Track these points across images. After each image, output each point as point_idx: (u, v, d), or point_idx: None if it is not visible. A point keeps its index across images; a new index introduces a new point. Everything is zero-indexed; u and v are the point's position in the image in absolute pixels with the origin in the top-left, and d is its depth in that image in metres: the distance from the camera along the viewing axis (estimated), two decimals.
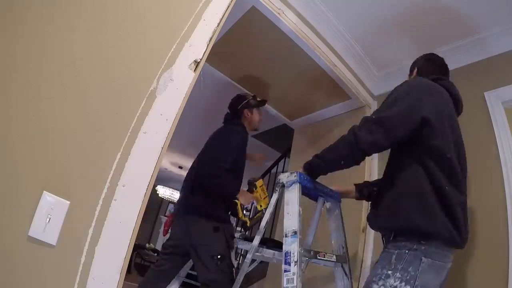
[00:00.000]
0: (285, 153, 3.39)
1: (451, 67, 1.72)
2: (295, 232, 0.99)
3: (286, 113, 2.73)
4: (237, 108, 1.80)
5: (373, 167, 1.89)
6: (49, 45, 0.72)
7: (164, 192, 7.03)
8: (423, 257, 0.85)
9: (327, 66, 1.82)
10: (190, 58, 0.93)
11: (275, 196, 1.17)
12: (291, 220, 1.02)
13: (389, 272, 0.86)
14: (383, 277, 0.87)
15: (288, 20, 1.57)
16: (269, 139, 4.08)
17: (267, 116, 3.00)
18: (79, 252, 0.68)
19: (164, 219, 7.44)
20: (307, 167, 1.13)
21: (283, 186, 1.13)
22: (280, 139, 3.85)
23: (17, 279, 0.62)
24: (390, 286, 0.84)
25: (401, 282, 0.83)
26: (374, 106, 2.12)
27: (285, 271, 0.94)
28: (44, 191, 0.66)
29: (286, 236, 1.00)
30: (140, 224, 0.78)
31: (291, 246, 0.97)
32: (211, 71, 2.27)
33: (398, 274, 0.85)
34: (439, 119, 0.95)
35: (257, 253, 1.19)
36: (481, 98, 1.53)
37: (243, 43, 1.90)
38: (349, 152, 0.99)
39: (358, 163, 1.01)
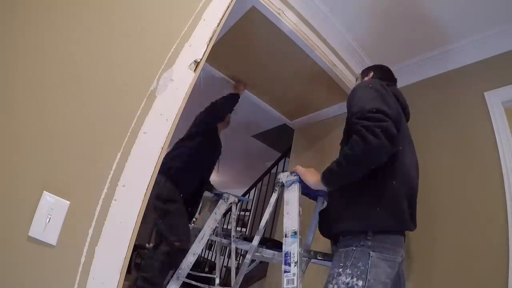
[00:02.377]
0: (285, 153, 3.39)
1: (451, 67, 1.74)
2: (295, 233, 0.99)
3: (286, 113, 2.74)
4: None
5: None
6: (50, 45, 0.72)
7: None
8: (371, 251, 0.87)
9: (327, 66, 1.82)
10: (190, 58, 0.93)
11: (274, 196, 1.17)
12: (291, 220, 1.02)
13: (340, 270, 0.88)
14: (335, 276, 0.88)
15: (288, 20, 1.57)
16: (269, 139, 4.09)
17: (267, 116, 3.01)
18: (79, 252, 0.68)
19: None
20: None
21: (282, 185, 1.13)
22: (280, 139, 3.85)
23: (17, 279, 0.62)
24: (343, 283, 0.85)
25: (352, 278, 0.85)
26: None
27: (285, 271, 0.94)
28: (44, 191, 0.66)
29: (286, 237, 1.00)
30: (140, 224, 0.78)
31: (291, 246, 0.97)
32: (211, 71, 2.27)
33: (348, 270, 0.86)
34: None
35: (256, 254, 1.19)
36: (481, 98, 1.53)
37: (243, 43, 1.90)
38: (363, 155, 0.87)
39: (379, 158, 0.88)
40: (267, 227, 3.47)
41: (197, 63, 0.94)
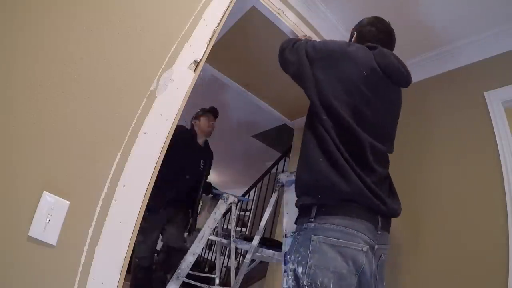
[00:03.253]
0: (285, 153, 3.39)
1: (451, 67, 1.74)
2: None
3: (286, 113, 2.73)
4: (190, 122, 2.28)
5: None
6: (49, 45, 0.72)
7: None
8: (312, 235, 0.79)
9: None
10: (190, 58, 0.93)
11: (274, 196, 1.17)
12: (291, 220, 1.02)
13: (292, 257, 0.83)
14: (289, 266, 0.84)
15: (288, 20, 1.57)
16: (269, 139, 4.09)
17: (267, 116, 3.01)
18: (79, 252, 0.68)
19: None
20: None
21: (282, 186, 1.13)
22: (280, 139, 3.85)
23: (17, 279, 0.62)
24: (291, 270, 0.81)
25: (293, 264, 0.80)
26: None
27: (285, 271, 0.94)
28: (44, 191, 0.66)
29: (285, 237, 1.00)
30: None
31: None
32: (211, 71, 2.28)
33: (293, 257, 0.82)
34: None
35: (256, 254, 1.20)
36: (481, 98, 1.53)
37: (243, 43, 1.90)
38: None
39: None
40: (267, 227, 3.47)
41: (197, 63, 0.94)
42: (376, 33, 1.12)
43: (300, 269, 0.76)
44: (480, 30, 1.57)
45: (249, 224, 4.50)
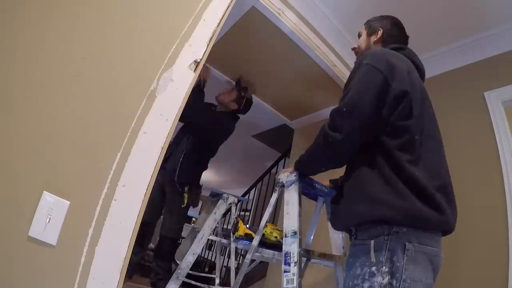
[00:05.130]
0: (285, 153, 3.39)
1: (451, 67, 1.74)
2: (295, 233, 0.99)
3: (286, 113, 2.73)
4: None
5: None
6: (50, 45, 0.72)
7: None
8: (406, 242, 0.68)
9: (326, 66, 1.82)
10: (190, 58, 0.93)
11: (274, 196, 1.17)
12: (291, 220, 1.02)
13: (373, 268, 0.69)
14: (367, 277, 0.70)
15: (288, 20, 1.57)
16: (269, 139, 4.08)
17: (267, 116, 3.01)
18: (79, 252, 0.68)
19: None
20: (296, 167, 1.06)
21: (282, 186, 1.12)
22: (280, 139, 3.85)
23: (17, 279, 0.62)
24: (380, 286, 0.67)
25: (384, 276, 0.67)
26: None
27: (285, 271, 0.94)
28: (44, 191, 0.66)
29: (286, 237, 1.00)
30: None
31: (291, 246, 0.97)
32: (211, 71, 2.27)
33: (384, 268, 0.68)
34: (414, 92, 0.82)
35: (256, 253, 1.19)
36: (481, 98, 1.53)
37: (243, 43, 1.90)
38: (319, 151, 0.90)
39: (335, 163, 0.90)
40: None
41: (197, 63, 0.94)
42: (400, 35, 1.08)
43: (393, 283, 0.66)
44: (480, 30, 1.57)
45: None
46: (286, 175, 1.12)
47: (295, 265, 0.93)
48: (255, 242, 1.17)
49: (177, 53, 0.90)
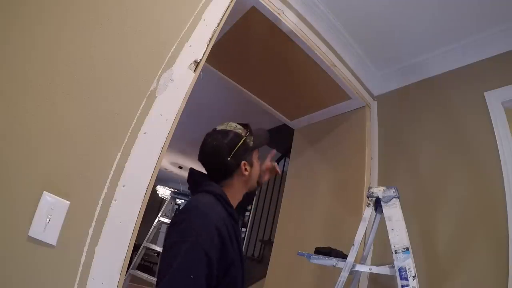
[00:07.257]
0: (285, 153, 3.39)
1: (451, 67, 1.73)
2: (407, 248, 1.02)
3: (286, 113, 2.73)
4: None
5: (373, 167, 1.89)
6: (49, 45, 0.72)
7: (164, 192, 7.03)
8: None
9: (327, 66, 1.82)
10: (190, 58, 0.93)
11: (368, 210, 1.14)
12: (398, 236, 1.04)
13: None
14: None
15: (288, 20, 1.57)
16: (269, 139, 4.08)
17: (267, 116, 3.00)
18: (79, 252, 0.68)
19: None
20: None
21: (378, 200, 1.12)
22: (280, 139, 3.85)
23: (17, 279, 0.62)
24: None
25: None
26: (374, 106, 2.12)
27: (403, 286, 0.97)
28: (44, 191, 0.66)
29: (396, 253, 1.02)
30: (140, 224, 0.78)
31: (405, 262, 1.00)
32: (211, 71, 2.27)
33: None
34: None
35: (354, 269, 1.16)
36: (481, 98, 1.53)
37: (243, 43, 1.90)
38: None
39: None
40: (267, 228, 3.47)
41: (197, 63, 0.94)
42: None
43: None
44: (480, 30, 1.57)
45: (249, 224, 4.49)
46: (382, 190, 1.11)
47: (413, 279, 0.96)
48: (351, 258, 1.14)
49: (177, 53, 0.91)
